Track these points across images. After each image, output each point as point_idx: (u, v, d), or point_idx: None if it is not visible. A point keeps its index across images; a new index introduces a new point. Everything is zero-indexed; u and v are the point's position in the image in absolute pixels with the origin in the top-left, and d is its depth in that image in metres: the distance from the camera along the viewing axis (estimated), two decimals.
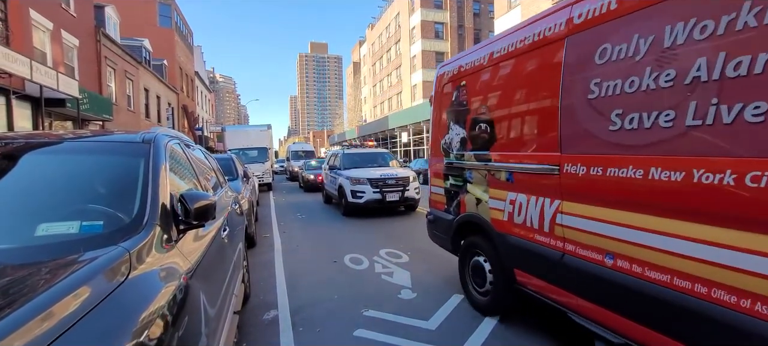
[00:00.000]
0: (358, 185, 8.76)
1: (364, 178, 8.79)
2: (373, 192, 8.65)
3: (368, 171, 9.19)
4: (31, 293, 1.03)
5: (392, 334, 3.09)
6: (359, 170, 9.30)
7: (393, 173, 9.09)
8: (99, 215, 1.68)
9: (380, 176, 8.79)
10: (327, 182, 11.26)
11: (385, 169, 9.46)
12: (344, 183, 9.09)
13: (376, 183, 8.72)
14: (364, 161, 10.20)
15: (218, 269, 2.24)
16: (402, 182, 8.97)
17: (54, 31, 13.52)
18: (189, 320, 1.42)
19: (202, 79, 42.10)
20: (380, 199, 8.67)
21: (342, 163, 10.01)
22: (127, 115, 19.74)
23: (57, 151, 2.12)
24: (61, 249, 1.35)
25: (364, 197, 8.66)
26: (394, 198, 8.78)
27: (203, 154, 3.81)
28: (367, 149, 11.82)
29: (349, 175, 9.08)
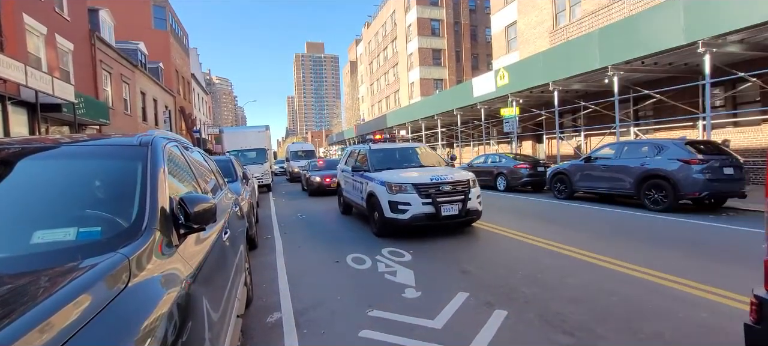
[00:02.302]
0: (399, 194, 6.22)
1: (407, 183, 6.26)
2: (423, 203, 6.09)
3: (409, 173, 6.74)
4: (28, 303, 0.98)
5: (398, 334, 3.05)
6: (396, 173, 6.82)
7: (446, 175, 6.49)
8: (96, 220, 1.63)
9: (430, 179, 6.28)
10: (346, 187, 8.81)
11: (433, 170, 6.96)
12: (378, 191, 6.57)
13: (426, 190, 6.17)
14: (400, 159, 7.79)
15: (220, 273, 2.19)
16: (461, 187, 6.39)
17: (48, 35, 13.41)
18: (192, 326, 1.38)
19: (198, 82, 41.94)
20: (433, 213, 6.09)
21: (371, 162, 7.45)
22: (123, 119, 19.63)
23: (52, 156, 2.07)
24: (58, 257, 1.30)
25: (410, 211, 6.08)
26: (452, 211, 6.13)
27: (202, 156, 3.76)
28: (400, 144, 8.68)
29: (384, 179, 6.54)
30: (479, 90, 18.56)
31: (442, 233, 6.61)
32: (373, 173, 7.07)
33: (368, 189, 7.00)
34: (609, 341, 2.80)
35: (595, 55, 12.07)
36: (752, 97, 11.74)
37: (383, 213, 6.34)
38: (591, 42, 12.29)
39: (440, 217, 6.10)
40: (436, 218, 6.12)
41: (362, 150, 8.23)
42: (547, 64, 14.22)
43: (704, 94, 10.38)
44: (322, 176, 13.68)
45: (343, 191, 9.26)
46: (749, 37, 9.20)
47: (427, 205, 6.12)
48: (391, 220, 6.25)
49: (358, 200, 7.75)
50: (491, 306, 3.48)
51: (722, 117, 12.32)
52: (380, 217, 6.48)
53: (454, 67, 40.60)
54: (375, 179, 6.85)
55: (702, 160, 7.61)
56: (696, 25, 9.31)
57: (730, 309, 3.24)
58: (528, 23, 21.47)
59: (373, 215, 6.88)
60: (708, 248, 5.17)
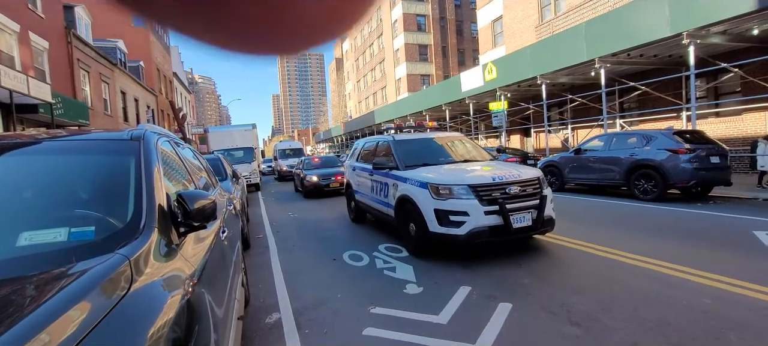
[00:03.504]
0: (451, 200, 4.51)
1: (461, 184, 4.56)
2: (486, 213, 4.41)
3: (456, 171, 5.08)
4: (23, 311, 0.87)
5: (403, 331, 2.97)
6: (437, 171, 5.14)
7: (510, 172, 4.80)
8: (88, 220, 1.50)
9: (492, 179, 4.59)
10: (361, 188, 7.06)
11: (489, 167, 5.23)
12: (416, 196, 4.88)
13: (488, 194, 4.50)
14: (435, 153, 6.04)
15: (221, 273, 2.07)
16: (532, 188, 4.73)
17: (21, 33, 12.85)
18: (199, 330, 1.27)
19: (181, 80, 41.00)
20: (501, 225, 4.42)
21: (398, 157, 5.77)
22: (104, 119, 19.02)
23: (35, 152, 1.92)
24: (50, 259, 1.18)
25: (468, 224, 4.39)
26: (524, 222, 4.51)
27: (193, 153, 3.61)
28: (432, 134, 6.80)
29: (424, 178, 4.87)
30: (467, 85, 18.60)
31: None
32: (404, 172, 5.38)
33: (399, 193, 5.29)
34: (617, 330, 2.78)
35: (582, 48, 12.19)
36: (733, 88, 12.04)
37: (426, 226, 4.61)
38: (578, 35, 12.41)
39: (512, 230, 4.38)
40: (505, 231, 4.40)
41: (383, 142, 6.56)
42: (534, 57, 14.31)
43: (688, 85, 10.60)
44: (319, 175, 12.28)
45: (355, 194, 7.36)
46: (731, 28, 9.40)
47: (492, 214, 4.39)
48: (439, 236, 4.49)
49: (380, 206, 6.05)
50: (495, 299, 3.43)
51: (705, 107, 12.60)
52: (421, 231, 4.74)
53: (441, 63, 40.67)
54: (409, 178, 5.13)
55: (689, 150, 7.75)
56: (680, 17, 9.47)
57: (730, 295, 3.27)
58: (514, 17, 21.60)
59: (406, 227, 5.13)
60: (700, 236, 5.25)
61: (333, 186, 11.93)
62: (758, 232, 5.12)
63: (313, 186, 12.11)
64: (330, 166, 13.56)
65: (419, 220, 4.79)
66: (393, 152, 5.94)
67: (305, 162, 14.21)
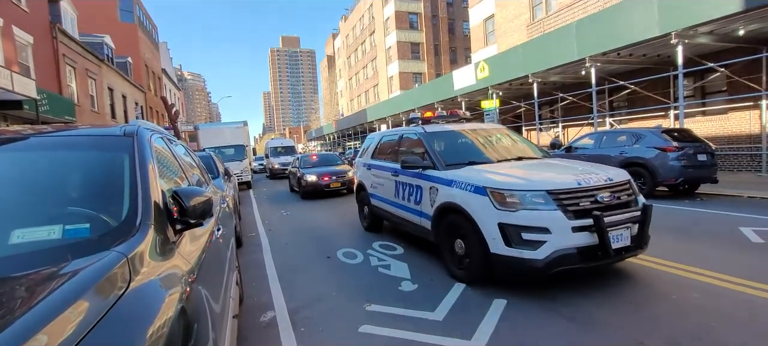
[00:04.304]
0: (522, 212, 3.38)
1: (536, 189, 3.46)
2: (574, 229, 3.28)
3: (524, 172, 3.95)
4: (17, 312, 0.84)
5: (399, 328, 2.98)
6: (492, 170, 4.02)
7: (598, 174, 3.72)
8: (82, 217, 1.47)
9: (577, 182, 3.50)
10: (379, 192, 5.91)
11: (570, 169, 4.02)
12: (469, 203, 3.73)
13: (574, 202, 3.41)
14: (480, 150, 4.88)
15: (217, 271, 2.05)
16: (627, 194, 3.71)
17: (4, 27, 12.53)
18: (198, 329, 1.26)
19: (170, 77, 40.42)
20: (596, 246, 3.29)
21: (434, 154, 4.62)
22: (91, 116, 18.66)
23: (24, 148, 1.87)
24: (45, 258, 1.15)
25: (550, 244, 3.25)
26: (622, 241, 3.41)
27: (185, 150, 3.56)
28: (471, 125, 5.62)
29: (481, 181, 3.71)
30: (460, 83, 18.66)
31: None
32: (446, 172, 4.22)
33: (440, 200, 4.14)
34: (610, 324, 2.82)
35: (573, 47, 12.31)
36: (719, 87, 12.28)
37: (484, 246, 3.49)
38: (569, 34, 12.53)
39: (611, 253, 3.25)
40: (601, 254, 3.26)
41: (410, 135, 5.43)
42: (526, 56, 14.41)
43: (676, 84, 10.77)
44: (318, 174, 11.26)
45: (370, 198, 6.20)
46: (718, 28, 9.58)
47: (582, 231, 3.25)
48: (506, 260, 3.36)
49: (409, 215, 4.89)
50: (490, 296, 3.46)
51: (692, 106, 12.83)
52: (477, 253, 3.60)
53: (433, 61, 40.75)
54: (456, 181, 3.96)
55: (677, 148, 7.89)
56: (669, 17, 9.61)
57: (718, 289, 3.34)
58: (505, 16, 21.72)
59: (449, 244, 4.02)
60: (688, 232, 5.35)
61: (334, 186, 11.12)
62: (744, 228, 5.23)
63: (311, 186, 11.15)
64: (328, 164, 12.65)
65: (473, 237, 3.63)
66: (427, 148, 4.77)
67: (302, 160, 13.09)
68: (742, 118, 11.51)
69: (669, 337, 2.61)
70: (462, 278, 3.88)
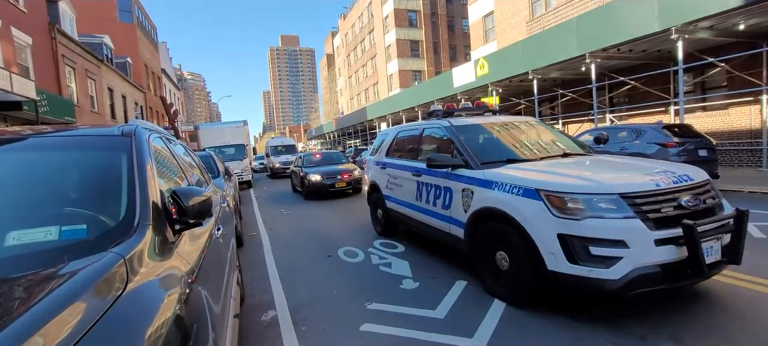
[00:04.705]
0: (589, 220, 2.72)
1: (607, 193, 2.78)
2: (657, 241, 2.62)
3: (586, 170, 3.36)
4: (13, 314, 0.83)
5: (401, 326, 2.97)
6: (540, 169, 3.48)
7: (676, 172, 3.04)
8: (79, 218, 1.46)
9: (655, 183, 2.84)
10: (395, 194, 5.36)
11: (637, 168, 3.33)
12: (519, 209, 3.07)
13: (654, 209, 2.73)
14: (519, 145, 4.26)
15: (217, 270, 2.04)
16: (709, 197, 3.04)
17: (2, 28, 12.51)
18: (197, 329, 1.25)
19: (169, 77, 40.39)
20: (686, 262, 2.65)
21: (467, 151, 3.96)
22: (90, 116, 18.65)
23: (21, 149, 1.85)
24: (41, 259, 1.14)
25: (629, 260, 2.60)
26: (714, 255, 2.75)
27: (185, 149, 3.54)
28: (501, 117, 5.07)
29: (532, 182, 3.09)
30: (459, 80, 18.62)
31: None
32: (482, 171, 3.61)
33: (478, 204, 3.51)
34: (613, 321, 2.81)
35: (573, 43, 12.27)
36: (719, 82, 12.24)
37: (539, 262, 2.90)
38: (569, 30, 12.48)
39: (705, 269, 2.63)
40: (694, 271, 2.66)
41: (434, 130, 4.78)
42: (526, 53, 14.37)
43: (676, 80, 10.73)
44: (322, 174, 10.81)
45: (385, 200, 5.64)
46: (718, 23, 9.54)
47: (667, 243, 2.63)
48: (572, 280, 2.74)
49: (435, 221, 4.28)
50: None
51: (692, 102, 12.80)
52: (528, 269, 3.01)
53: (433, 59, 40.68)
54: (497, 182, 3.36)
55: (678, 143, 7.86)
56: (669, 13, 9.57)
57: (721, 285, 3.33)
58: (505, 13, 21.66)
59: (488, 257, 3.43)
60: None
61: (339, 186, 10.72)
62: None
63: (315, 186, 10.69)
64: (334, 163, 12.26)
65: (523, 249, 3.03)
66: (457, 144, 4.11)
67: (305, 159, 12.59)
68: (742, 113, 11.48)
69: (674, 332, 2.60)
70: (505, 297, 3.28)
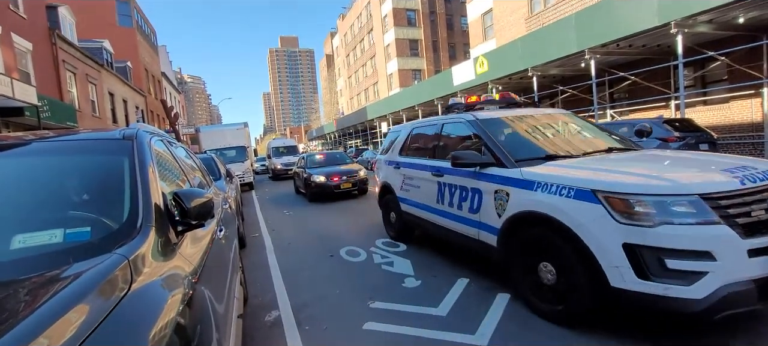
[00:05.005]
0: (664, 227, 2.25)
1: (685, 193, 2.30)
2: (751, 252, 2.16)
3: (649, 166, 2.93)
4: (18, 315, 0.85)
5: (403, 324, 2.98)
6: (590, 166, 2.94)
7: (757, 168, 2.53)
8: (83, 220, 1.48)
9: (739, 181, 2.36)
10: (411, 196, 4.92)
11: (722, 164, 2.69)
12: (572, 213, 2.60)
13: (743, 212, 2.26)
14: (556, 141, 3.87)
15: (221, 271, 2.06)
16: None
17: (3, 34, 12.56)
18: (201, 329, 1.26)
19: (169, 80, 40.47)
20: None
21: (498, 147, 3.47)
22: (92, 121, 18.71)
23: (24, 154, 1.87)
24: (46, 261, 1.15)
25: (715, 276, 2.14)
26: None
27: (186, 152, 3.56)
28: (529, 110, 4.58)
29: (587, 181, 2.60)
30: (459, 78, 18.61)
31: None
32: (517, 170, 3.15)
33: (516, 207, 3.07)
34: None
35: (572, 39, 12.26)
36: (720, 76, 12.22)
37: (599, 275, 2.47)
38: (568, 26, 12.47)
39: None
40: None
41: (456, 124, 4.31)
42: (525, 50, 14.36)
43: (676, 74, 10.71)
44: (327, 175, 10.50)
45: (400, 202, 5.22)
46: (718, 17, 9.52)
47: (763, 254, 2.19)
48: (643, 299, 2.32)
49: (460, 226, 3.83)
50: (493, 290, 3.45)
51: (693, 96, 12.78)
52: (585, 282, 2.56)
53: (432, 58, 40.66)
54: (539, 181, 2.91)
55: (679, 138, 7.85)
56: (668, 7, 9.55)
57: None
58: (503, 10, 21.64)
59: (531, 269, 2.97)
60: None
61: (344, 188, 10.44)
62: None
63: (320, 188, 10.41)
64: (339, 163, 12.01)
65: (575, 261, 2.58)
66: (486, 140, 3.63)
67: (308, 159, 12.26)
68: (743, 106, 11.45)
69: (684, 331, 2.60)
70: (552, 316, 2.79)
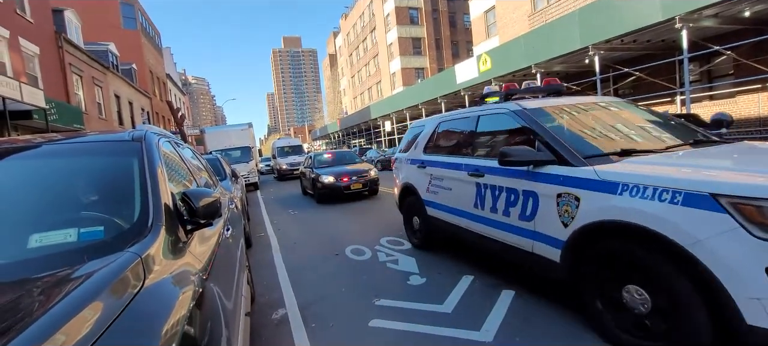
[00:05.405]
0: None
1: None
2: None
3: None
4: (37, 311, 0.88)
5: (409, 321, 3.01)
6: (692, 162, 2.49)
7: None
8: (96, 220, 1.52)
9: None
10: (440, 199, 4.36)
11: None
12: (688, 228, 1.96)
13: None
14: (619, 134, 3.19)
15: (229, 269, 2.10)
16: None
17: (11, 39, 12.72)
18: (212, 326, 1.29)
19: (174, 82, 40.75)
20: None
21: (558, 142, 2.85)
22: (99, 123, 18.91)
23: (37, 156, 1.92)
24: (63, 259, 1.19)
25: None
26: None
27: (192, 153, 3.61)
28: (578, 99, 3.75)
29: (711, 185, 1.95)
30: (462, 77, 18.58)
31: None
32: (592, 169, 2.54)
33: (591, 215, 2.46)
34: None
35: (576, 36, 12.20)
36: (726, 71, 12.10)
37: (732, 311, 1.84)
38: (571, 22, 12.41)
39: None
40: None
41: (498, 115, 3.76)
42: (528, 47, 14.31)
43: (681, 69, 10.64)
44: (336, 175, 10.06)
45: (425, 205, 4.63)
46: (723, 11, 9.43)
47: None
48: None
49: (511, 237, 3.20)
50: (498, 287, 3.47)
51: (699, 91, 12.67)
52: (702, 317, 1.97)
53: (435, 56, 40.59)
54: (626, 183, 2.30)
55: None
56: (672, 1, 9.48)
57: None
58: (506, 7, 21.56)
59: (612, 292, 2.42)
60: None
61: (354, 188, 9.97)
62: None
63: (329, 189, 9.95)
64: (348, 163, 11.49)
65: (690, 291, 2.02)
66: (540, 133, 3.01)
67: (316, 159, 11.71)
68: (750, 101, 11.34)
69: None
70: None
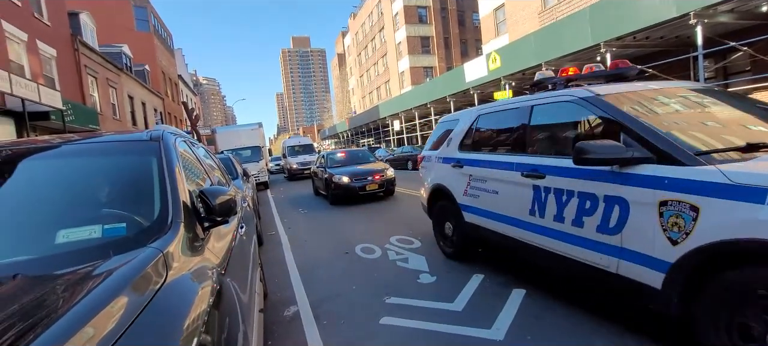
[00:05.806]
0: None
1: None
2: None
3: None
4: (68, 304, 0.92)
5: (419, 319, 3.03)
6: None
7: None
8: (118, 217, 1.57)
9: None
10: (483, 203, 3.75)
11: None
12: None
13: None
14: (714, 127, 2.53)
15: (243, 266, 2.14)
16: None
17: (29, 42, 13.04)
18: (230, 321, 1.33)
19: (186, 83, 41.31)
20: None
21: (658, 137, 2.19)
22: (113, 124, 19.28)
23: (58, 156, 1.99)
24: (88, 255, 1.24)
25: None
26: None
27: (206, 152, 3.68)
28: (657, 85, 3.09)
29: None
30: (471, 75, 18.50)
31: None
32: (718, 170, 1.87)
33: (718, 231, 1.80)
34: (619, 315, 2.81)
35: (587, 33, 12.06)
36: (742, 67, 11.85)
37: None
38: (582, 20, 12.27)
39: None
40: None
41: (561, 108, 3.10)
42: (538, 45, 14.19)
43: (696, 66, 10.44)
44: (350, 175, 9.57)
45: (462, 210, 4.08)
46: (739, 5, 9.23)
47: None
48: None
49: (584, 252, 2.60)
50: (508, 286, 3.47)
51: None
52: None
53: (444, 55, 40.42)
54: None
55: None
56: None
57: None
58: (516, 5, 21.38)
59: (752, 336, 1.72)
60: None
61: (370, 189, 9.48)
62: None
63: (343, 190, 9.48)
64: (362, 162, 10.92)
65: None
66: (630, 125, 2.40)
67: (328, 158, 11.15)
68: (767, 97, 11.08)
69: None
70: None
